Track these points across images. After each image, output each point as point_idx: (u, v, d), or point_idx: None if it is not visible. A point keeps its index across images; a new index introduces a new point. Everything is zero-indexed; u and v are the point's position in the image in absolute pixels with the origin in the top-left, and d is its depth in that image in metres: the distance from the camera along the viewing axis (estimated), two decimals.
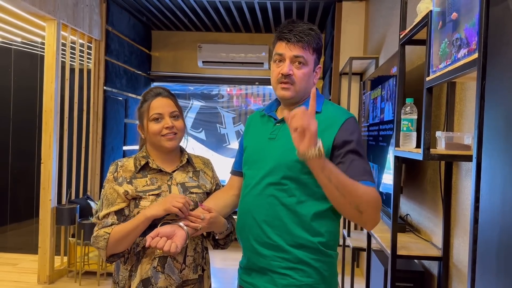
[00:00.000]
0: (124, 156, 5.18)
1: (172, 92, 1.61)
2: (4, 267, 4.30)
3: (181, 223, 1.39)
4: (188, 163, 1.61)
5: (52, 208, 3.97)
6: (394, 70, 2.29)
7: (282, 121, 1.41)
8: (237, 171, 1.58)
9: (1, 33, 4.86)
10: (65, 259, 4.24)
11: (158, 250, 1.40)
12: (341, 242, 3.97)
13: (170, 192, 1.51)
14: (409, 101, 1.82)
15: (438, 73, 1.42)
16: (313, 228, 1.34)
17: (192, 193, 1.54)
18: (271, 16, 5.22)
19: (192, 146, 6.24)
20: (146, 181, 1.51)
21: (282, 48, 1.37)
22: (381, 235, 2.23)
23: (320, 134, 1.32)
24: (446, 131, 1.94)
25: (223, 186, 1.66)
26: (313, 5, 4.84)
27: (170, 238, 1.34)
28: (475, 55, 1.09)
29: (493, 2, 0.99)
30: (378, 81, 2.84)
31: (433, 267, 2.12)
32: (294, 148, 1.30)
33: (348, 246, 3.52)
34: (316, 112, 1.36)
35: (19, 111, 5.65)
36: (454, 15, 1.32)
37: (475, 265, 1.01)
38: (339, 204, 1.26)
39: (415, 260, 2.32)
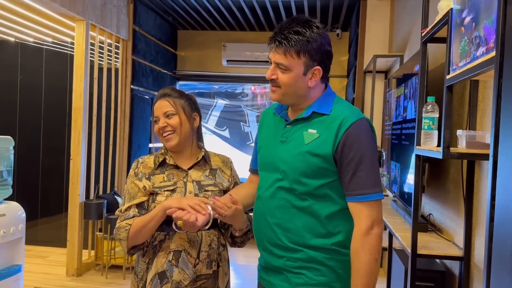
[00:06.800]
0: (150, 153, 5.29)
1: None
2: (34, 259, 4.46)
3: (208, 206, 1.43)
4: (205, 161, 1.64)
5: (80, 203, 4.09)
6: (417, 68, 2.27)
7: (293, 122, 1.40)
8: (254, 169, 1.59)
9: (33, 33, 5.03)
10: (92, 252, 4.37)
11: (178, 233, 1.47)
12: None
13: (185, 189, 1.56)
14: (430, 99, 1.81)
15: (457, 71, 1.41)
16: (327, 230, 1.34)
17: (208, 191, 1.58)
18: (295, 14, 5.22)
19: (216, 144, 6.31)
20: (164, 177, 1.57)
21: (270, 52, 1.37)
22: (402, 234, 2.22)
23: (326, 134, 1.32)
24: (469, 129, 1.92)
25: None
26: (338, 3, 4.82)
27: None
28: (493, 53, 1.09)
29: (510, 0, 0.99)
30: (401, 79, 2.82)
31: (455, 267, 2.10)
32: (303, 152, 1.33)
33: None
34: (324, 114, 1.35)
35: (49, 109, 5.83)
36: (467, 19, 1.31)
37: (490, 263, 1.02)
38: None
39: (437, 260, 2.30)
